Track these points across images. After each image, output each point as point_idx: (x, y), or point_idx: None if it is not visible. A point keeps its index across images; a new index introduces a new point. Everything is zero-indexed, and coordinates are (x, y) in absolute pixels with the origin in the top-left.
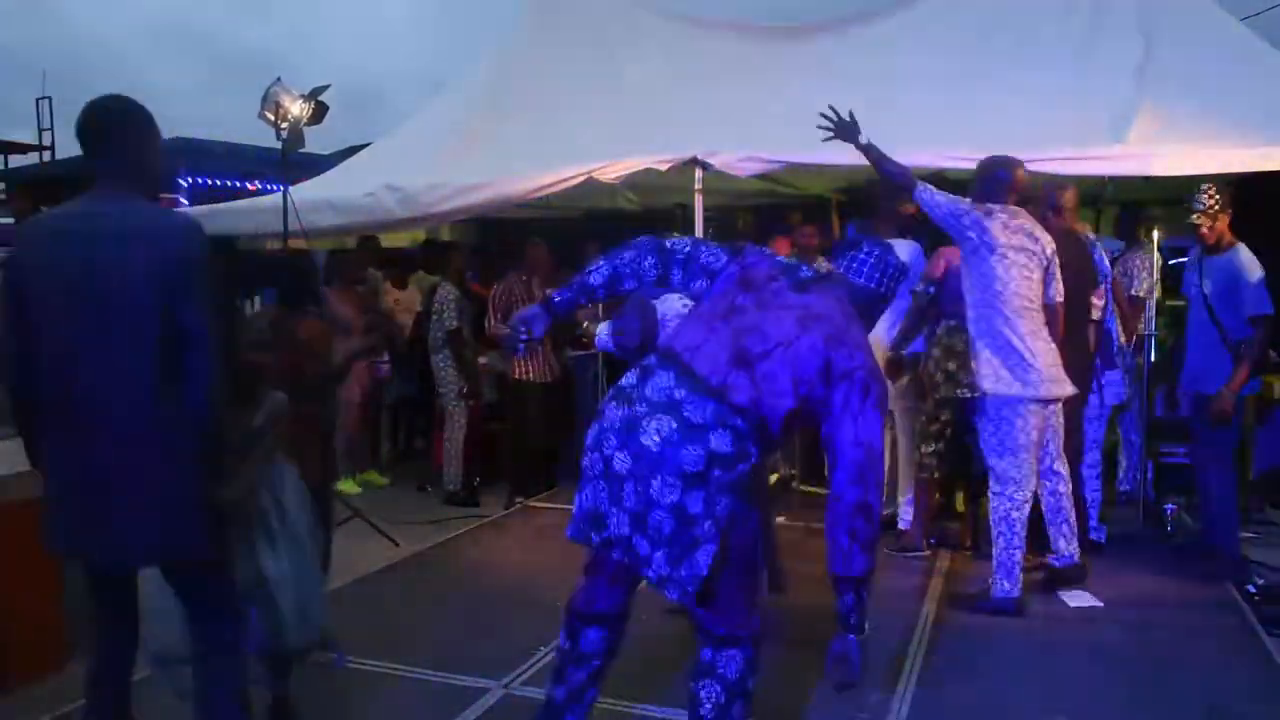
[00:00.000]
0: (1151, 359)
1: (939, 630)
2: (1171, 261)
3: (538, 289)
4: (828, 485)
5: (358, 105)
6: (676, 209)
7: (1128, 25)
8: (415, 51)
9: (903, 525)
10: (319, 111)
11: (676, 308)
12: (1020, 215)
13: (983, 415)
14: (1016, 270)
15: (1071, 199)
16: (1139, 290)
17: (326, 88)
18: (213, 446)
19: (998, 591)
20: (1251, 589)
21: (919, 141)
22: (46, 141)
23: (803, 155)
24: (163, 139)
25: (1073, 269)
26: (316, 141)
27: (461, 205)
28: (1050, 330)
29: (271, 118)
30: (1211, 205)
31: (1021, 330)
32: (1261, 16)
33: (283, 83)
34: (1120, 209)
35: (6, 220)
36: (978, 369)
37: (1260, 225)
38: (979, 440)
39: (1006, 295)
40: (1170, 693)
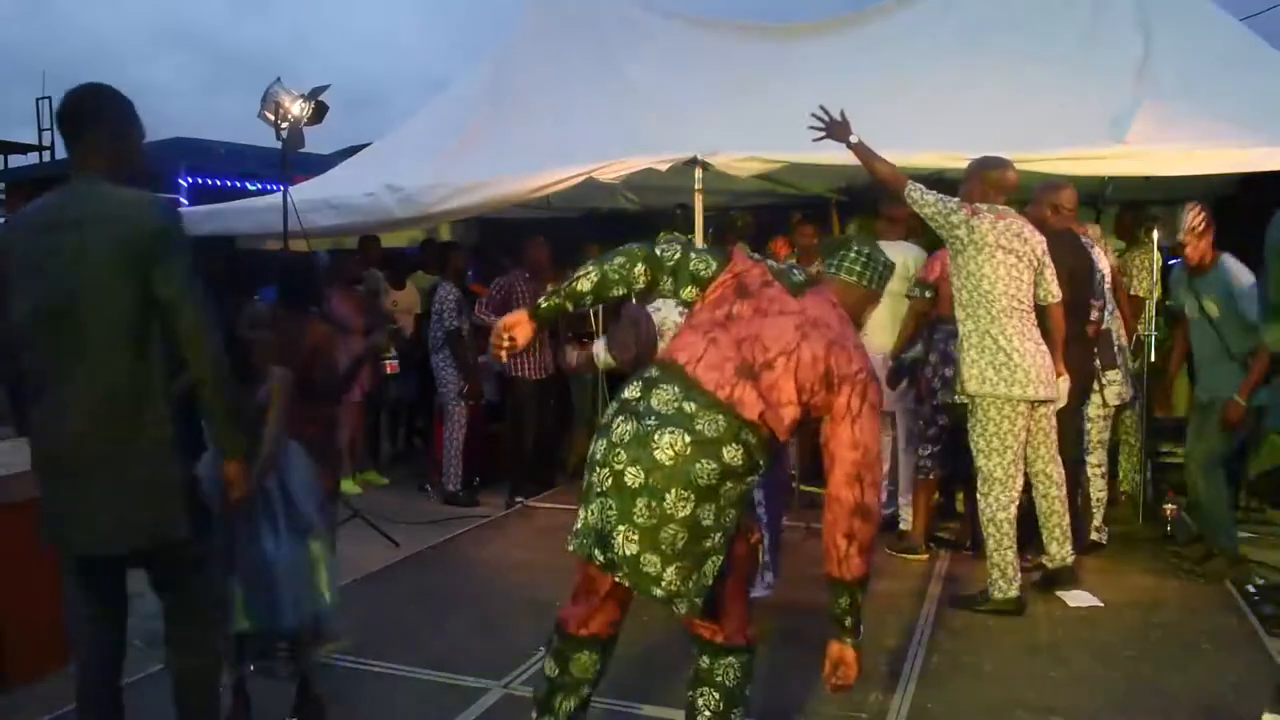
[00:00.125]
0: (1151, 359)
1: (939, 630)
2: (1171, 261)
3: (541, 287)
4: (826, 486)
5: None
6: (677, 209)
7: (1127, 25)
8: (415, 51)
9: (903, 526)
10: (319, 111)
11: (675, 317)
12: (1009, 215)
13: (970, 415)
14: (1005, 270)
15: (1070, 199)
16: (1138, 290)
17: (326, 88)
18: (228, 407)
19: (996, 592)
20: (1251, 589)
21: (919, 141)
22: (46, 141)
23: (803, 155)
24: (144, 126)
25: (1071, 269)
26: (316, 141)
27: (461, 205)
28: (1051, 329)
29: (271, 118)
30: (1197, 224)
31: (1009, 330)
32: (1261, 16)
33: (283, 83)
34: (1120, 209)
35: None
36: (964, 369)
37: (1243, 236)
38: (968, 440)
39: (994, 295)
40: (1170, 692)
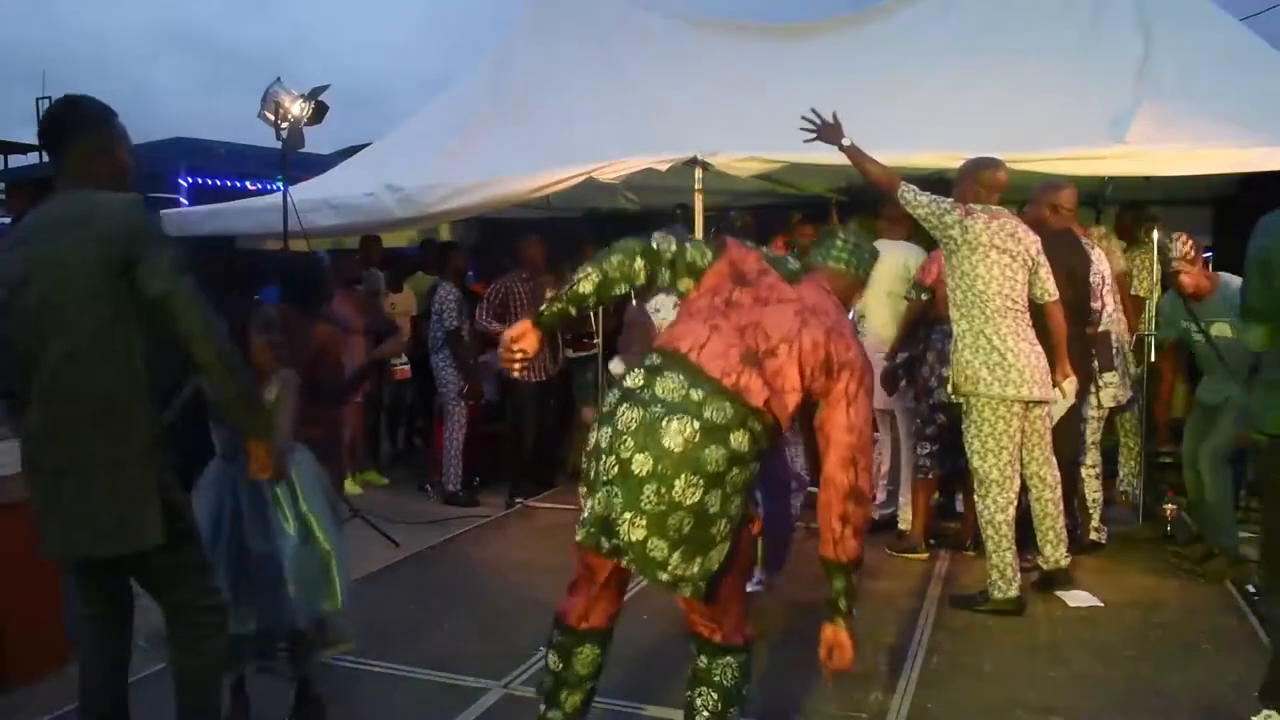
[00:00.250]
0: (1151, 359)
1: (939, 630)
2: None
3: (539, 287)
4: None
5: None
6: (677, 209)
7: (1127, 25)
8: (415, 51)
9: (902, 525)
10: (319, 111)
11: (674, 316)
12: (1002, 215)
13: (964, 416)
14: (999, 270)
15: (1069, 199)
16: (1139, 290)
17: (326, 88)
18: (242, 391)
19: (995, 592)
20: (1251, 589)
21: (919, 141)
22: None
23: (803, 155)
24: (126, 133)
25: (1071, 269)
26: (316, 141)
27: (461, 205)
28: (1051, 329)
29: (271, 118)
30: (1188, 253)
31: (1003, 330)
32: (1261, 16)
33: (282, 83)
34: (1120, 209)
35: (6, 220)
36: (959, 369)
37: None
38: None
39: (988, 295)
40: (1170, 692)
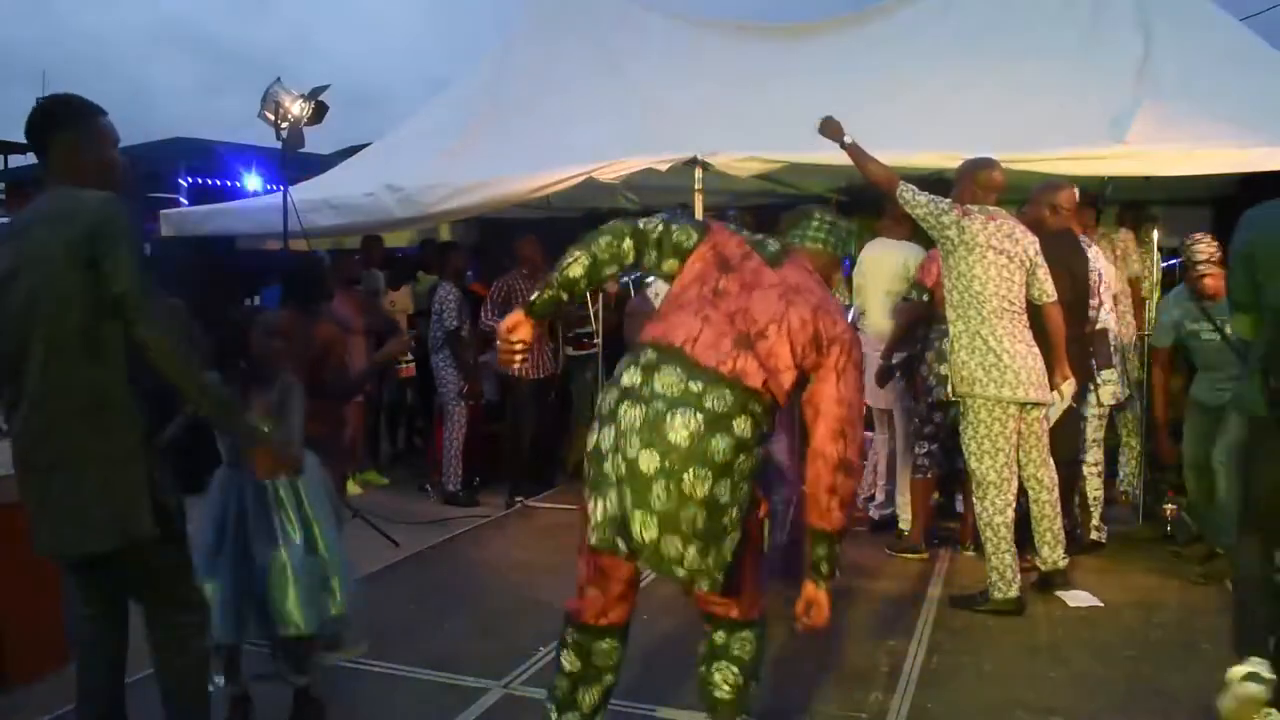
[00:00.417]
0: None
1: (939, 630)
2: (1171, 262)
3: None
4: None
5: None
6: (677, 209)
7: (1127, 25)
8: (415, 51)
9: (902, 525)
10: (319, 111)
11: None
12: (1000, 215)
13: (961, 418)
14: (995, 270)
15: (1068, 199)
16: (1142, 292)
17: (326, 88)
18: (220, 404)
19: (995, 592)
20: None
21: (919, 141)
22: None
23: (803, 155)
24: (113, 131)
25: (1071, 269)
26: (316, 141)
27: (461, 205)
28: (1049, 330)
29: (271, 118)
30: (1214, 254)
31: (999, 331)
32: (1261, 16)
33: (283, 83)
34: (1120, 209)
35: (6, 220)
36: (955, 370)
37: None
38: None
39: (985, 296)
40: (1170, 692)
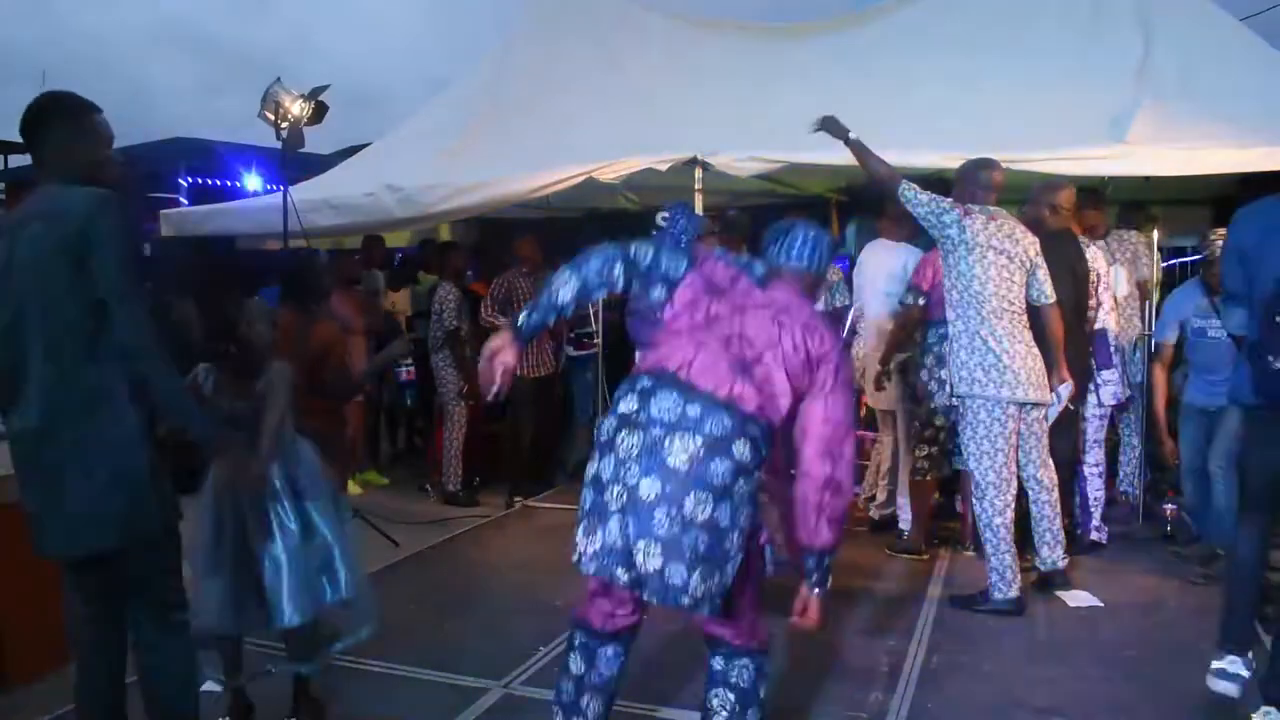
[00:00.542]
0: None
1: (939, 630)
2: (1171, 262)
3: (539, 281)
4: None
5: (358, 105)
6: (679, 205)
7: (1127, 25)
8: (415, 51)
9: (902, 526)
10: (319, 111)
11: None
12: (1000, 215)
13: (960, 418)
14: (996, 271)
15: (1068, 199)
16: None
17: (326, 88)
18: (191, 415)
19: (995, 593)
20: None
21: (919, 141)
22: None
23: (803, 155)
24: (106, 128)
25: (1072, 269)
26: (316, 141)
27: (461, 205)
28: (1048, 331)
29: (271, 118)
30: None
31: (999, 331)
32: (1261, 16)
33: (282, 83)
34: (1120, 209)
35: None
36: (954, 370)
37: None
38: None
39: (985, 296)
40: (1170, 692)
